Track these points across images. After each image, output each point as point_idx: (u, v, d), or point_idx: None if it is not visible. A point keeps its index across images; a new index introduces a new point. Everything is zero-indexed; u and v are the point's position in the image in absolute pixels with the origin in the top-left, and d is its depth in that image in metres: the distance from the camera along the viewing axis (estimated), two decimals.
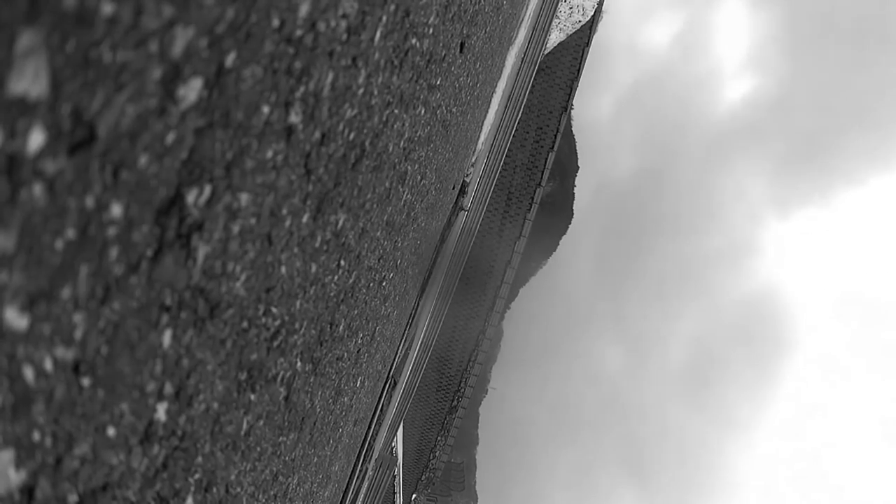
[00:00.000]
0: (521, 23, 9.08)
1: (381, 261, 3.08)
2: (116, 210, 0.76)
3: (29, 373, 0.71)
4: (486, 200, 11.93)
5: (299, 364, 2.06)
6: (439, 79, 2.85)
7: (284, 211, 1.36)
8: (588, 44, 15.14)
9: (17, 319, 0.66)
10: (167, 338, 1.01)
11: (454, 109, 3.91)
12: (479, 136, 8.54)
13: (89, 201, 0.71)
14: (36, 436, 0.75)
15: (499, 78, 8.36)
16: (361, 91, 1.62)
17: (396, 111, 2.15)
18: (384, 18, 1.59)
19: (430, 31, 2.26)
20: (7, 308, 0.64)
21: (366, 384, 4.83)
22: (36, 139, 0.60)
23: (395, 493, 18.49)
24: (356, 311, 2.87)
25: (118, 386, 0.91)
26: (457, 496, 32.18)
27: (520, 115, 11.93)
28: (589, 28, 15.07)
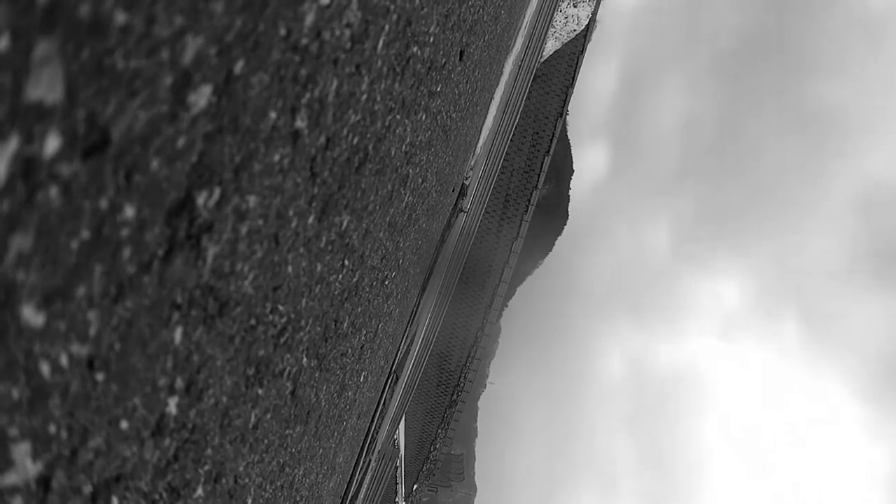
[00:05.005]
0: (518, 32, 9.07)
1: (383, 260, 3.09)
2: (129, 212, 0.78)
3: (45, 368, 0.72)
4: (484, 202, 11.95)
5: (305, 360, 2.08)
6: (439, 85, 2.86)
7: (291, 212, 1.38)
8: (583, 52, 15.22)
9: (33, 317, 0.67)
10: (178, 334, 1.03)
11: (454, 115, 3.92)
12: (477, 141, 8.53)
13: (103, 203, 0.72)
14: (52, 429, 0.77)
15: (497, 85, 8.35)
16: (365, 97, 1.63)
17: (398, 117, 2.16)
18: (386, 27, 1.60)
19: (431, 39, 2.27)
20: (24, 306, 0.65)
21: (369, 379, 4.83)
22: (52, 143, 0.61)
23: (397, 483, 18.51)
24: (360, 309, 2.89)
25: (131, 381, 0.92)
26: (457, 487, 32.18)
27: (517, 120, 11.96)
28: (583, 37, 15.16)
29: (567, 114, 16.34)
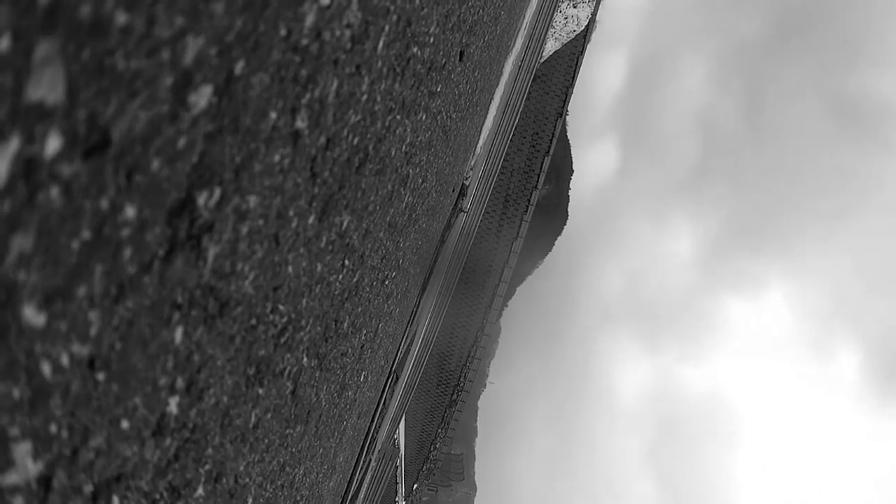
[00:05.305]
0: (518, 32, 9.11)
1: (383, 260, 3.10)
2: (130, 212, 0.78)
3: (46, 368, 0.72)
4: (484, 203, 12.02)
5: (305, 359, 2.09)
6: (439, 86, 2.87)
7: (291, 213, 1.38)
8: (582, 52, 15.33)
9: (34, 317, 0.67)
10: (179, 334, 1.04)
11: (454, 115, 3.93)
12: (477, 141, 8.57)
13: (104, 203, 0.72)
14: (53, 428, 0.77)
15: (497, 85, 8.38)
16: (365, 98, 1.64)
17: (398, 117, 2.17)
18: (387, 28, 1.61)
19: (431, 40, 2.28)
20: (25, 306, 0.65)
21: (369, 379, 4.85)
22: (53, 144, 0.62)
23: (397, 483, 18.62)
24: (360, 309, 2.89)
25: (132, 380, 0.93)
26: (457, 486, 32.28)
27: (517, 120, 12.04)
28: (583, 37, 15.29)
29: (567, 114, 16.42)
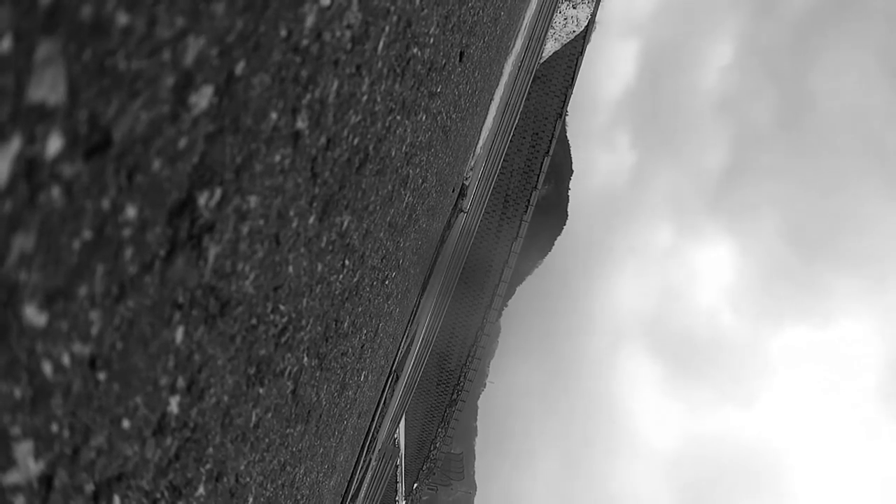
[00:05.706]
0: (518, 33, 9.14)
1: (383, 260, 3.10)
2: (131, 212, 0.78)
3: (47, 367, 0.72)
4: (484, 203, 12.04)
5: (306, 359, 2.09)
6: (440, 86, 2.88)
7: (291, 213, 1.38)
8: (582, 53, 15.40)
9: (36, 316, 0.68)
10: (179, 334, 1.04)
11: (454, 116, 3.94)
12: (477, 142, 8.58)
13: (105, 203, 0.72)
14: (54, 427, 0.77)
15: (497, 85, 8.40)
16: (365, 98, 1.64)
17: (399, 117, 2.17)
18: (387, 29, 1.61)
19: (431, 40, 2.29)
20: (27, 306, 0.65)
21: (369, 378, 4.85)
22: (54, 144, 0.62)
23: (397, 482, 18.65)
24: (360, 309, 2.90)
25: (133, 380, 0.93)
26: (457, 485, 32.35)
27: (517, 120, 12.08)
28: (582, 38, 15.37)
29: (567, 114, 16.48)
